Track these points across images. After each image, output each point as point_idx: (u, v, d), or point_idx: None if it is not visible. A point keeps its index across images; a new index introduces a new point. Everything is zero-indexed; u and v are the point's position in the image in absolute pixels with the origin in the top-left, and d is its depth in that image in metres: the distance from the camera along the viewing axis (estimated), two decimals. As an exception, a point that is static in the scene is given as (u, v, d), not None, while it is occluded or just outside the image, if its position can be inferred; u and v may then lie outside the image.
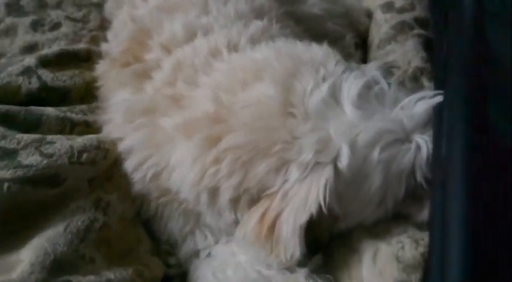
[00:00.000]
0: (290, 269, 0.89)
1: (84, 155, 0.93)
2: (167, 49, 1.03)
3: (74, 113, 1.04)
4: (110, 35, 1.18)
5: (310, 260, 0.90)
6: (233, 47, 1.01)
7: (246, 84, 0.92)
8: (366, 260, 0.86)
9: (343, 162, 0.84)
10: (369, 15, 1.39)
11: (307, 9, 1.29)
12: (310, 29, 1.25)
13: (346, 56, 1.26)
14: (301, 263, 0.89)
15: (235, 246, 0.95)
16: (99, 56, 1.15)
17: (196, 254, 0.98)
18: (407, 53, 1.16)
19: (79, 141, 0.95)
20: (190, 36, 1.04)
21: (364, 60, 1.29)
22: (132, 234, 0.95)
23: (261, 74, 0.92)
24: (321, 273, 0.90)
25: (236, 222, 0.91)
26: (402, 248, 0.83)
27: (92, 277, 0.81)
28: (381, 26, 1.29)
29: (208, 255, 0.97)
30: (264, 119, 0.88)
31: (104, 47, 1.17)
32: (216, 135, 0.89)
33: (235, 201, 0.90)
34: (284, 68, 0.92)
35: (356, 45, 1.33)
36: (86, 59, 1.15)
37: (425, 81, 1.10)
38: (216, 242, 0.98)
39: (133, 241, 0.94)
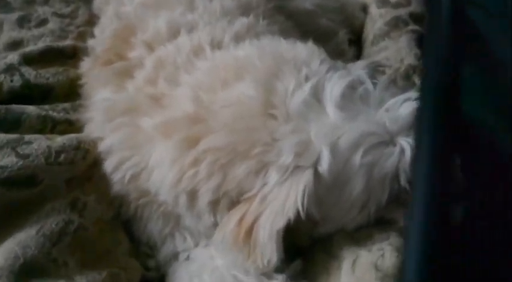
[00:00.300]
0: (267, 275, 0.87)
1: (62, 156, 0.91)
2: (150, 47, 1.01)
3: (56, 111, 1.02)
4: (97, 31, 1.17)
5: (289, 265, 0.88)
6: (216, 45, 0.99)
7: (227, 83, 0.90)
8: (345, 267, 0.83)
9: (324, 166, 0.82)
10: (365, 9, 1.35)
11: (299, 4, 1.25)
12: (301, 25, 1.21)
13: (340, 53, 1.24)
14: (279, 269, 0.86)
15: (214, 249, 0.93)
16: (86, 52, 1.13)
17: (175, 256, 0.96)
18: (400, 50, 1.13)
19: (58, 141, 0.93)
20: (173, 33, 1.02)
21: (359, 56, 1.26)
22: (110, 236, 0.93)
23: (242, 73, 0.90)
24: (300, 279, 0.88)
25: (216, 225, 0.89)
26: (382, 255, 0.81)
27: (62, 281, 0.80)
28: (376, 21, 1.26)
29: (187, 258, 0.95)
30: (244, 120, 0.86)
31: (90, 43, 1.15)
32: (195, 136, 0.87)
33: (214, 204, 0.88)
34: (266, 68, 0.89)
35: (350, 42, 1.30)
36: (71, 55, 1.14)
37: (417, 80, 1.07)
38: (196, 245, 0.96)
39: (111, 243, 0.92)
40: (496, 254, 0.69)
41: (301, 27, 1.21)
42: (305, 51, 0.93)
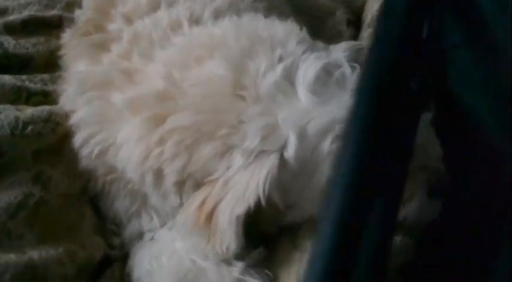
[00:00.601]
0: (227, 262, 0.84)
1: (29, 127, 0.90)
2: (129, 20, 0.98)
3: (33, 82, 1.01)
4: (85, 0, 1.14)
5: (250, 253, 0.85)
6: (195, 20, 0.96)
7: (201, 61, 0.87)
8: (305, 259, 0.80)
9: (290, 152, 0.78)
10: (369, -12, 1.29)
11: (297, -21, 1.20)
12: (297, 3, 1.16)
13: (336, 34, 1.19)
14: (241, 256, 0.84)
15: (176, 232, 0.90)
16: (71, 23, 1.11)
17: (140, 236, 0.94)
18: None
19: (28, 112, 0.92)
20: (153, 7, 0.99)
21: (356, 38, 1.20)
22: (74, 211, 0.91)
23: (215, 51, 0.86)
24: (262, 268, 0.84)
25: (182, 206, 0.87)
26: (344, 249, 0.77)
27: (12, 255, 0.78)
28: (376, 1, 1.20)
29: (152, 238, 0.93)
30: (212, 100, 0.83)
31: (77, 13, 1.12)
32: (163, 114, 0.85)
33: (180, 185, 0.85)
34: (239, 46, 0.85)
35: (348, 22, 1.24)
36: (57, 26, 1.11)
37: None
38: (163, 225, 0.93)
39: (75, 218, 0.91)
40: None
41: (297, 5, 1.16)
42: (282, 30, 0.88)
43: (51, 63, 1.06)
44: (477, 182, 0.89)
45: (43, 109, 0.93)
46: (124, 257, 0.93)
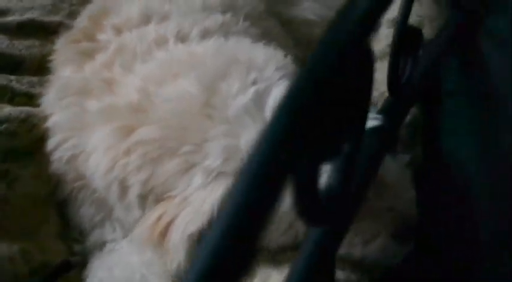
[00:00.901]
0: (177, 281, 0.82)
1: (4, 126, 0.91)
2: (119, 31, 0.99)
3: (20, 83, 1.02)
4: (84, 9, 1.15)
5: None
6: (181, 38, 0.96)
7: (178, 77, 0.87)
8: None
9: None
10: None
11: (299, 12, 1.18)
12: (299, 34, 1.16)
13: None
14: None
15: (135, 245, 0.89)
16: (69, 30, 1.12)
17: (102, 245, 0.93)
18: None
19: (5, 110, 0.93)
20: (145, 21, 1.00)
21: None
22: (38, 214, 0.91)
23: (192, 69, 0.86)
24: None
25: (143, 219, 0.86)
26: (290, 280, 0.75)
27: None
28: (380, 41, 1.19)
29: (112, 249, 0.92)
30: (180, 117, 0.83)
31: (77, 21, 1.14)
32: (132, 126, 0.85)
33: (143, 198, 0.85)
34: (215, 67, 0.86)
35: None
36: (54, 31, 1.13)
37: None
38: (125, 237, 0.92)
39: (38, 221, 0.91)
40: None
41: (300, 38, 1.16)
42: (263, 55, 0.88)
43: (43, 68, 1.07)
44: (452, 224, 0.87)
45: (21, 109, 0.95)
46: (84, 265, 0.92)
